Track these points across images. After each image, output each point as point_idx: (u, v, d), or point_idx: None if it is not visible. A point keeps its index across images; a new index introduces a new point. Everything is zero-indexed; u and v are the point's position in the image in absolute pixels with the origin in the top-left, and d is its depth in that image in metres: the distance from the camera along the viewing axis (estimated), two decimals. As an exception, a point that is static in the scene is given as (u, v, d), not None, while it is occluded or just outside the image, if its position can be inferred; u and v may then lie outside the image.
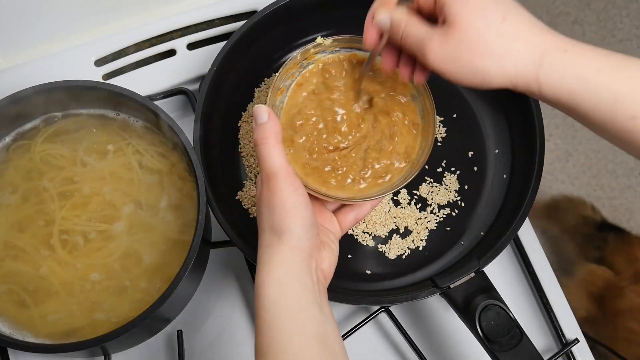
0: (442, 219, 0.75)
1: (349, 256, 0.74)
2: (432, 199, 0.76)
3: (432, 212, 0.76)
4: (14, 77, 0.77)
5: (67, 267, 0.66)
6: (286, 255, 0.51)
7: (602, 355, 1.11)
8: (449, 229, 0.75)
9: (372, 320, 0.73)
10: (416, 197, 0.76)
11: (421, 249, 0.74)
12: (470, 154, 0.78)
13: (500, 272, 0.78)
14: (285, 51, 0.81)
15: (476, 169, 0.78)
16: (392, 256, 0.74)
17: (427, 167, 0.62)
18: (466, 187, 0.77)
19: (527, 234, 0.79)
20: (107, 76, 0.80)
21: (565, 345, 0.74)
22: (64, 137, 0.71)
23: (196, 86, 0.81)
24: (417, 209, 0.76)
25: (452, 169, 0.77)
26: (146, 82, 0.80)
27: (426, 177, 0.77)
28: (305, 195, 0.53)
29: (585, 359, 0.75)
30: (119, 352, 0.73)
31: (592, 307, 1.16)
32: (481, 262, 0.66)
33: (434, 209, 0.76)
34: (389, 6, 0.55)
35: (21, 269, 0.66)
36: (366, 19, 0.57)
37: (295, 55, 0.65)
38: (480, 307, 0.62)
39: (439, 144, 0.78)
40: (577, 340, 0.75)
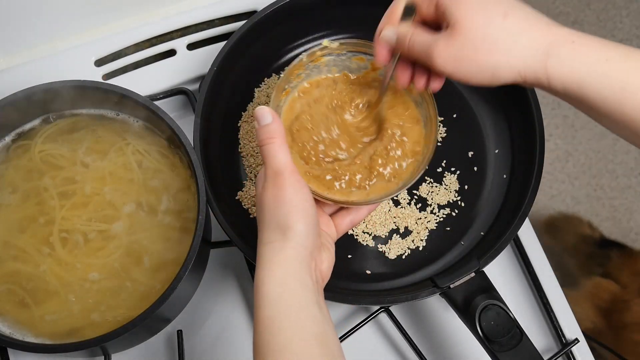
0: (442, 219, 0.75)
1: (349, 256, 0.74)
2: (432, 199, 0.76)
3: (432, 212, 0.76)
4: (14, 77, 0.77)
5: (68, 267, 0.66)
6: (289, 253, 0.51)
7: (601, 355, 1.11)
8: (449, 229, 0.75)
9: (372, 320, 0.73)
10: (416, 197, 0.76)
11: (421, 249, 0.74)
12: (470, 154, 0.78)
13: (500, 272, 0.78)
14: (285, 51, 0.81)
15: (476, 169, 0.78)
16: (392, 256, 0.74)
17: (427, 167, 0.63)
18: (466, 187, 0.77)
19: (527, 234, 0.79)
20: (107, 76, 0.80)
21: (565, 345, 0.74)
22: (64, 137, 0.71)
23: (196, 86, 0.81)
24: (417, 209, 0.76)
25: (452, 169, 0.77)
26: (146, 82, 0.80)
27: (426, 177, 0.77)
28: (310, 195, 0.54)
29: (585, 359, 0.75)
30: (119, 352, 0.73)
31: (598, 319, 1.15)
32: (481, 262, 0.66)
33: (434, 209, 0.76)
34: (394, 23, 0.57)
35: (21, 269, 0.66)
36: (374, 39, 0.59)
37: (301, 57, 0.65)
38: (480, 307, 0.62)
39: (439, 144, 0.78)
40: (577, 340, 0.75)
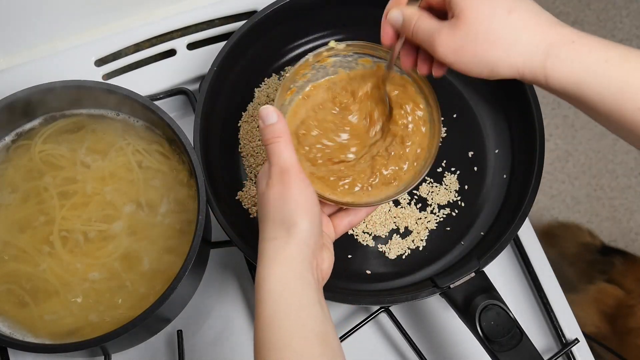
0: (442, 219, 0.75)
1: (349, 256, 0.74)
2: (432, 199, 0.76)
3: (432, 212, 0.76)
4: (14, 77, 0.77)
5: (68, 267, 0.66)
6: (292, 250, 0.51)
7: (601, 356, 1.11)
8: (449, 229, 0.75)
9: (372, 320, 0.73)
10: (416, 197, 0.76)
11: (421, 249, 0.74)
12: (470, 154, 0.78)
13: (500, 272, 0.78)
14: (285, 51, 0.81)
15: (476, 169, 0.78)
16: (392, 256, 0.74)
17: (428, 170, 0.64)
18: (466, 187, 0.77)
19: (527, 234, 0.79)
20: (107, 76, 0.80)
21: (565, 345, 0.74)
22: (64, 137, 0.71)
23: (196, 86, 0.81)
24: (417, 209, 0.76)
25: (452, 169, 0.77)
26: (146, 82, 0.80)
27: (426, 177, 0.77)
28: (315, 194, 0.54)
29: (585, 359, 0.75)
30: (119, 352, 0.73)
31: (602, 324, 1.15)
32: (481, 262, 0.66)
33: (434, 209, 0.76)
34: (401, 5, 0.57)
35: (21, 269, 0.66)
36: (382, 19, 0.59)
37: (307, 57, 0.65)
38: (480, 307, 0.62)
39: (439, 144, 0.78)
40: (577, 340, 0.75)
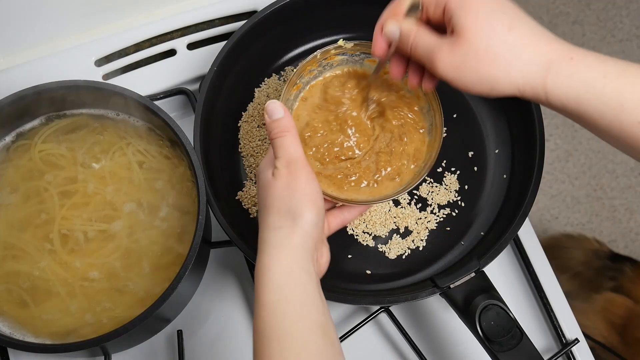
0: (442, 219, 0.75)
1: (349, 256, 0.74)
2: (432, 199, 0.76)
3: (432, 212, 0.76)
4: (14, 77, 0.77)
5: (68, 266, 0.66)
6: (296, 240, 0.52)
7: (601, 356, 1.11)
8: (449, 229, 0.75)
9: (372, 320, 0.73)
10: (416, 197, 0.76)
11: (421, 249, 0.74)
12: (470, 154, 0.78)
13: (500, 272, 0.78)
14: (285, 51, 0.81)
15: (476, 169, 0.78)
16: (392, 256, 0.74)
17: (429, 171, 0.64)
18: (466, 187, 0.77)
19: (527, 234, 0.79)
20: (107, 76, 0.80)
21: (565, 345, 0.74)
22: (64, 137, 0.71)
23: (196, 86, 0.81)
24: (417, 209, 0.76)
25: (452, 169, 0.77)
26: (146, 82, 0.80)
27: (426, 177, 0.77)
28: (319, 188, 0.54)
29: (585, 359, 0.75)
30: (119, 352, 0.73)
31: (610, 334, 1.14)
32: (481, 262, 0.66)
33: (434, 209, 0.76)
34: (398, 17, 0.56)
35: (21, 269, 0.66)
36: (375, 29, 0.58)
37: (316, 54, 0.66)
38: (480, 307, 0.62)
39: (441, 143, 0.78)
40: (577, 340, 0.75)
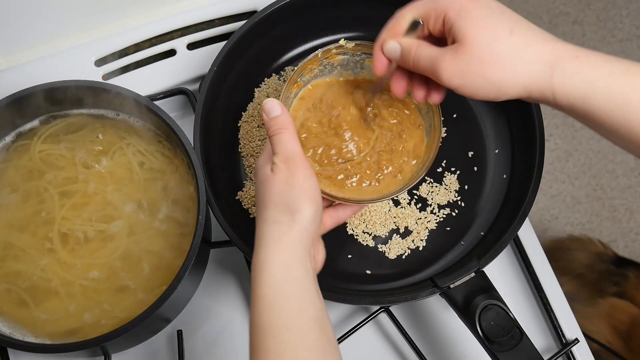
0: (442, 219, 0.75)
1: (349, 256, 0.74)
2: (432, 199, 0.76)
3: (432, 212, 0.76)
4: (14, 77, 0.77)
5: (67, 266, 0.66)
6: (294, 235, 0.52)
7: (600, 356, 1.11)
8: (449, 229, 0.75)
9: (372, 320, 0.73)
10: (416, 197, 0.76)
11: (421, 249, 0.74)
12: (470, 154, 0.78)
13: (500, 272, 0.78)
14: (285, 51, 0.81)
15: (476, 169, 0.78)
16: (392, 256, 0.74)
17: (427, 171, 0.64)
18: (466, 187, 0.77)
19: (527, 234, 0.79)
20: (107, 76, 0.80)
21: (565, 345, 0.74)
22: (63, 137, 0.71)
23: (196, 86, 0.81)
24: (417, 209, 0.76)
25: (452, 169, 0.77)
26: (146, 82, 0.80)
27: (426, 177, 0.77)
28: (318, 184, 0.55)
29: (585, 359, 0.75)
30: (119, 352, 0.73)
31: (614, 339, 1.14)
32: (481, 262, 0.66)
33: (434, 209, 0.76)
34: (397, 36, 0.57)
35: (21, 269, 0.66)
36: (374, 48, 0.58)
37: (317, 52, 0.66)
38: (480, 307, 0.62)
39: (439, 144, 0.78)
40: (577, 340, 0.75)
